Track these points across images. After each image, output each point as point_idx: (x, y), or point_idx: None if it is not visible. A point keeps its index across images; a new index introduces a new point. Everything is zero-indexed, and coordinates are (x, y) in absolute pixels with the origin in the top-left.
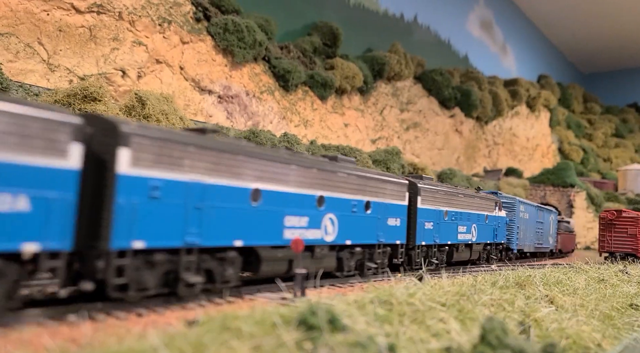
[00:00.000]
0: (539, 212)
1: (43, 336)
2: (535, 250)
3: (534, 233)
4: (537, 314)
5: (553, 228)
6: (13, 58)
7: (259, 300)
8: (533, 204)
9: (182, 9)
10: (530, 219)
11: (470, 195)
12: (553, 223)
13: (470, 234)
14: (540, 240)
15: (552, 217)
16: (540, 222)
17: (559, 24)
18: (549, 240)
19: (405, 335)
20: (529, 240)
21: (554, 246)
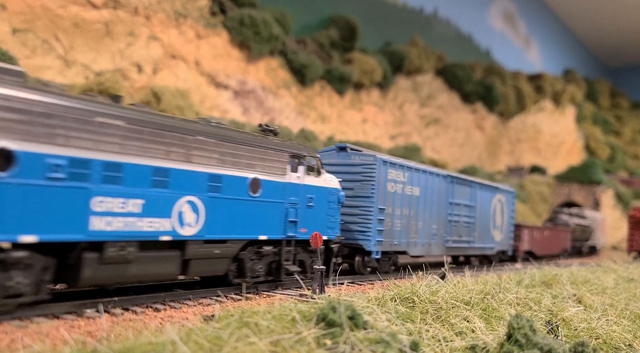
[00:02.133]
0: (456, 187)
1: (60, 329)
2: (449, 253)
3: (443, 223)
4: (565, 313)
5: (506, 218)
6: (30, 54)
7: (277, 296)
8: (436, 172)
9: (198, 3)
10: (427, 198)
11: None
12: (505, 209)
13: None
14: (463, 235)
15: (501, 198)
16: (462, 204)
17: (584, 16)
18: (491, 236)
19: (428, 333)
20: (423, 235)
21: (508, 246)
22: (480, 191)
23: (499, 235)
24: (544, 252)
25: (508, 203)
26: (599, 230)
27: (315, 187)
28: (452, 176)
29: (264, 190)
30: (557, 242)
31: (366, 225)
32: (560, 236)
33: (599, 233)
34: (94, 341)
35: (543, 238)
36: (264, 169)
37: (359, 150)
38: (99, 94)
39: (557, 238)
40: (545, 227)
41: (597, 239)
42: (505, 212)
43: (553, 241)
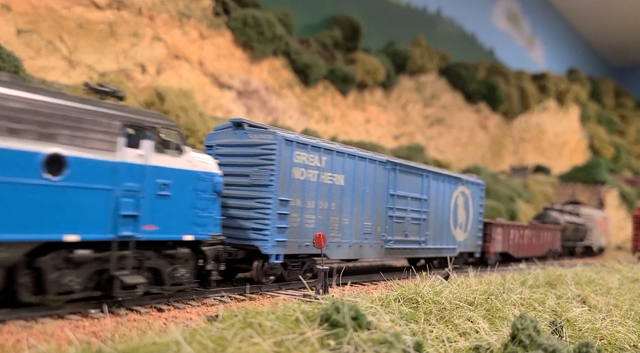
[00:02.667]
0: (401, 177)
1: (65, 329)
2: (391, 256)
3: (381, 220)
4: (570, 314)
5: (472, 214)
6: (35, 55)
7: (281, 297)
8: (369, 157)
9: (201, 4)
10: (356, 189)
11: None
12: (472, 204)
13: None
14: (411, 234)
15: (464, 191)
16: (409, 197)
17: (589, 15)
18: (452, 235)
19: (432, 333)
20: (351, 234)
21: (476, 247)
22: (436, 182)
23: (463, 235)
24: (525, 253)
25: (475, 197)
26: (596, 229)
27: (172, 170)
28: (393, 162)
29: (73, 172)
30: (542, 243)
31: (262, 222)
32: (546, 236)
33: (597, 232)
34: (98, 341)
35: (523, 238)
36: (74, 141)
37: (259, 127)
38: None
39: (542, 238)
40: (527, 226)
41: (594, 239)
42: (471, 207)
43: (537, 241)
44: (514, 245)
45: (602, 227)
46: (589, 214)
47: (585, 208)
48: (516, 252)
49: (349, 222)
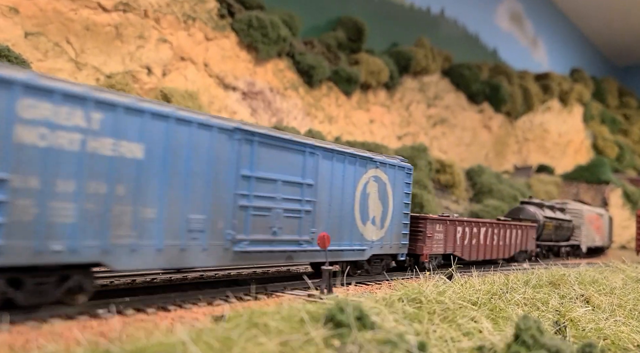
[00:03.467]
0: (261, 152)
1: (73, 329)
2: (244, 262)
3: (224, 211)
4: (573, 314)
5: (392, 206)
6: (42, 57)
7: (286, 296)
8: (200, 120)
9: (207, 6)
10: (169, 166)
11: None
12: (391, 192)
13: None
14: (285, 231)
15: (379, 176)
16: (280, 181)
17: (593, 15)
18: (358, 233)
19: (435, 333)
20: (161, 232)
21: (399, 247)
22: (330, 162)
23: (377, 232)
24: (482, 255)
25: (396, 183)
26: (585, 226)
27: None
28: (247, 131)
29: None
30: (509, 242)
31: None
32: (515, 234)
33: (587, 230)
34: (106, 341)
35: (478, 238)
36: None
37: None
38: None
39: (509, 237)
40: (485, 222)
41: (583, 238)
42: (390, 196)
43: (501, 241)
44: (464, 245)
45: (596, 224)
46: (576, 210)
47: (574, 203)
48: (468, 253)
49: (157, 214)
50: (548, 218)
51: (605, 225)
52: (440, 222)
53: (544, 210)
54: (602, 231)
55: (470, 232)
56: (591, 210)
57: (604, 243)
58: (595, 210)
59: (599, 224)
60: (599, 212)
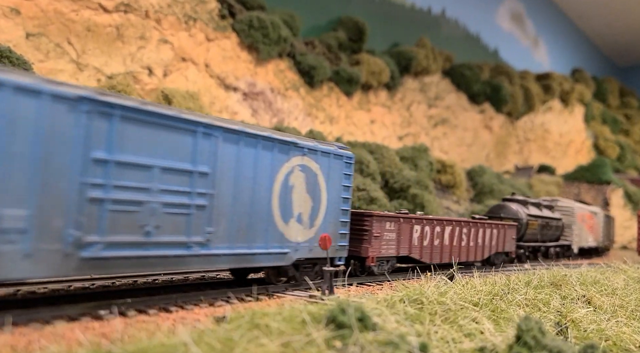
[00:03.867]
0: (124, 129)
1: (75, 331)
2: (92, 271)
3: (59, 205)
4: (575, 315)
5: (325, 201)
6: (44, 58)
7: (287, 297)
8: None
9: (207, 7)
10: None
11: None
12: (324, 185)
13: None
14: (167, 231)
15: (309, 165)
16: (157, 167)
17: (594, 15)
18: (277, 233)
19: (437, 334)
20: None
21: (336, 249)
22: (235, 146)
23: (304, 232)
24: (446, 257)
25: (332, 174)
26: (577, 225)
27: None
28: (100, 102)
29: None
30: (482, 243)
31: None
32: (491, 234)
33: (579, 230)
34: (108, 342)
35: (442, 238)
36: None
37: None
38: None
39: (482, 238)
40: (451, 220)
41: (574, 238)
42: (323, 190)
43: (472, 242)
44: (424, 247)
45: (590, 223)
46: (567, 207)
47: (565, 200)
48: (429, 256)
49: None
50: (532, 217)
51: (599, 225)
52: (391, 220)
53: (528, 207)
54: (596, 230)
55: (431, 231)
56: (583, 208)
57: (599, 244)
58: (588, 209)
59: (593, 223)
60: (592, 210)
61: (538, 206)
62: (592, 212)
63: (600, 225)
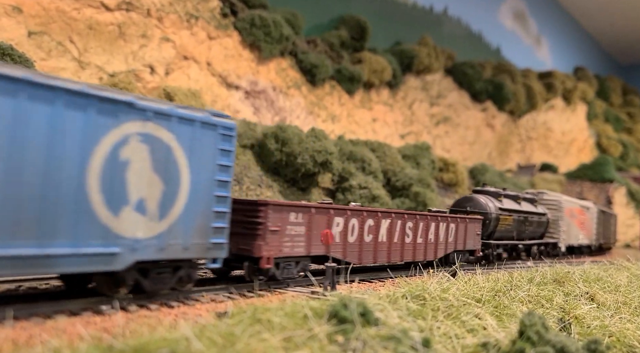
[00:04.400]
0: None
1: (77, 325)
2: None
3: None
4: (578, 311)
5: (188, 185)
6: (46, 56)
7: (289, 293)
8: None
9: (209, 5)
10: None
11: None
12: (184, 163)
13: None
14: None
15: (155, 134)
16: None
17: (596, 13)
18: (104, 226)
19: (439, 330)
20: None
21: (206, 249)
22: (11, 100)
23: (150, 225)
24: (386, 257)
25: (197, 148)
26: (565, 221)
27: None
28: None
29: None
30: (435, 240)
31: None
32: (448, 230)
33: (567, 226)
34: (109, 337)
35: (376, 234)
36: None
37: None
38: None
39: (436, 234)
40: (389, 213)
41: (562, 235)
42: (184, 169)
43: (421, 238)
44: (349, 244)
45: (579, 219)
46: (553, 201)
47: (552, 193)
48: (357, 255)
49: None
50: (505, 211)
51: (592, 221)
52: (297, 211)
53: (501, 200)
54: (588, 227)
55: (360, 225)
56: (573, 201)
57: (592, 242)
58: (579, 203)
59: (584, 219)
60: (584, 204)
61: (516, 199)
62: (583, 207)
63: (593, 222)
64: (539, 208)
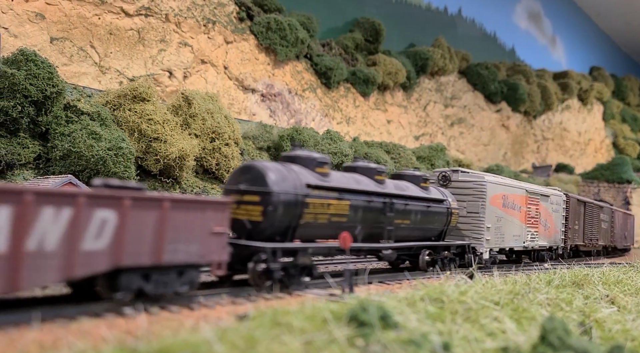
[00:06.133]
0: None
1: (101, 328)
2: None
3: None
4: (598, 315)
5: None
6: (67, 61)
7: (308, 296)
8: None
9: (226, 9)
10: None
11: None
12: None
13: None
14: None
15: None
16: None
17: (612, 12)
18: None
19: (458, 333)
20: None
21: None
22: None
23: None
24: None
25: None
26: (491, 214)
27: None
28: None
29: None
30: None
31: None
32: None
33: (501, 222)
34: (132, 340)
35: None
36: None
37: None
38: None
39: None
40: None
41: (486, 234)
42: None
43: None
44: None
45: (525, 212)
46: (471, 183)
47: (477, 173)
48: None
49: None
50: (327, 190)
51: (557, 214)
52: None
53: (326, 173)
54: (550, 224)
55: None
56: (510, 185)
57: (556, 243)
58: (526, 187)
59: (541, 211)
60: (538, 190)
61: (374, 174)
62: (535, 194)
63: (558, 216)
64: (432, 193)
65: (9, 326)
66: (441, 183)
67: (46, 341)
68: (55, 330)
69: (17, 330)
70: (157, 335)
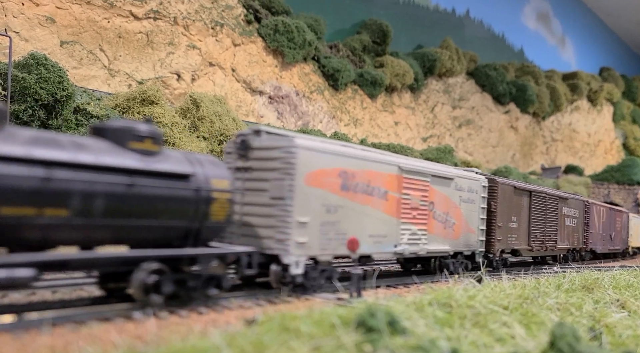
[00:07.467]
0: None
1: (111, 332)
2: None
3: None
4: (609, 320)
5: None
6: (77, 64)
7: (316, 300)
8: None
9: (234, 12)
10: None
11: None
12: None
13: None
14: None
15: None
16: None
17: (622, 12)
18: None
19: (467, 339)
20: None
21: None
22: None
23: None
24: None
25: None
26: (314, 203)
27: None
28: None
29: None
30: None
31: None
32: None
33: (336, 216)
34: (142, 344)
35: None
36: None
37: None
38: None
39: None
40: None
41: (307, 235)
42: None
43: None
44: None
45: (410, 202)
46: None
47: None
48: None
49: None
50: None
51: (471, 206)
52: None
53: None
54: (457, 220)
55: None
56: (359, 156)
57: (473, 247)
58: (395, 162)
59: (438, 200)
60: (431, 170)
61: None
62: (419, 174)
63: (474, 208)
64: (159, 161)
65: (20, 330)
66: (241, 154)
67: (57, 346)
68: (66, 334)
69: (29, 334)
70: (166, 340)
